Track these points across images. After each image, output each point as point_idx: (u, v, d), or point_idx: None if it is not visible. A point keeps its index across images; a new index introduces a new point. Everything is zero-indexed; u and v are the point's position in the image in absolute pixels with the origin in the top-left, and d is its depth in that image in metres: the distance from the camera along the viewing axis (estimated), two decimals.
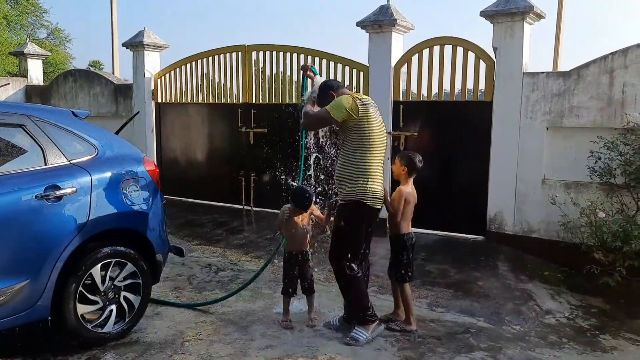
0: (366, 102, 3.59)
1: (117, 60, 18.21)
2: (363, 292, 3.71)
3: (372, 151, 3.57)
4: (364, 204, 3.56)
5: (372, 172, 3.57)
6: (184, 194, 8.33)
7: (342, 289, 3.73)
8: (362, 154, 3.55)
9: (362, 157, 3.55)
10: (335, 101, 3.56)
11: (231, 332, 3.79)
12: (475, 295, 4.62)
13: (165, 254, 4.02)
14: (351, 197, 3.57)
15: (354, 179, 3.55)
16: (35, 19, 19.00)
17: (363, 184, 3.54)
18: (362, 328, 3.66)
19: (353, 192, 3.56)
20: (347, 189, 3.59)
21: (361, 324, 3.68)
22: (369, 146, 3.55)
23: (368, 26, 6.42)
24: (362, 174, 3.54)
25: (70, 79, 9.67)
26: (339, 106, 3.51)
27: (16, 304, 3.08)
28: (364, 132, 3.53)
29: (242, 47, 7.64)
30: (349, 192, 3.58)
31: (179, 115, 8.51)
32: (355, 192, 3.55)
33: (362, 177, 3.54)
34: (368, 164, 3.56)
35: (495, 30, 5.69)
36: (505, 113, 5.69)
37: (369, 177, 3.55)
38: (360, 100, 3.55)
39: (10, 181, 3.12)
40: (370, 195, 3.56)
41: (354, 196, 3.56)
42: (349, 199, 3.59)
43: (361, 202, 3.55)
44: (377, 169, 3.60)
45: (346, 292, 3.73)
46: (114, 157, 3.67)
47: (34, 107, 3.58)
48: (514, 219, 5.71)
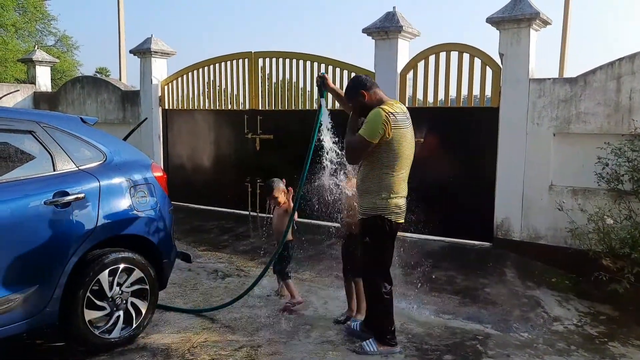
0: (399, 117, 3.36)
1: (124, 67, 18.33)
2: (387, 313, 3.60)
3: (399, 168, 3.42)
4: (386, 219, 3.44)
5: (396, 186, 3.43)
6: (190, 200, 8.36)
7: (370, 304, 3.68)
8: (388, 170, 3.40)
9: (387, 173, 3.40)
10: (368, 122, 3.34)
11: (238, 338, 3.79)
12: (482, 302, 4.60)
13: (173, 259, 4.03)
14: (372, 211, 3.46)
15: (376, 193, 3.42)
16: (44, 26, 19.18)
17: (386, 198, 3.40)
18: (375, 343, 3.60)
19: (374, 206, 3.44)
20: (368, 204, 3.46)
21: (377, 340, 3.62)
22: (395, 164, 3.39)
23: (374, 33, 6.45)
24: (386, 188, 3.40)
25: (78, 85, 9.74)
26: (374, 128, 3.29)
27: (25, 310, 3.09)
28: (393, 151, 3.36)
29: (248, 54, 7.68)
30: (371, 206, 3.46)
31: (185, 122, 8.54)
32: (377, 206, 3.43)
33: (385, 192, 3.40)
34: (393, 179, 3.41)
35: (502, 36, 5.69)
36: (512, 119, 5.68)
37: (392, 192, 3.41)
38: (393, 116, 3.32)
39: (19, 187, 3.14)
40: (393, 210, 3.44)
41: (375, 211, 3.44)
42: (370, 213, 3.47)
43: (383, 216, 3.43)
44: (401, 183, 3.47)
45: (373, 308, 3.66)
46: (122, 163, 3.69)
47: (43, 114, 3.60)
48: (521, 225, 5.69)
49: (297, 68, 7.23)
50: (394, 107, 3.42)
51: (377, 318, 3.64)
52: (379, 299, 3.58)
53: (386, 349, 3.58)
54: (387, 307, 3.59)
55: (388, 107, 3.38)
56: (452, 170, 6.14)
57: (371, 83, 3.55)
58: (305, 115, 7.26)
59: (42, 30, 19.40)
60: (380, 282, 3.55)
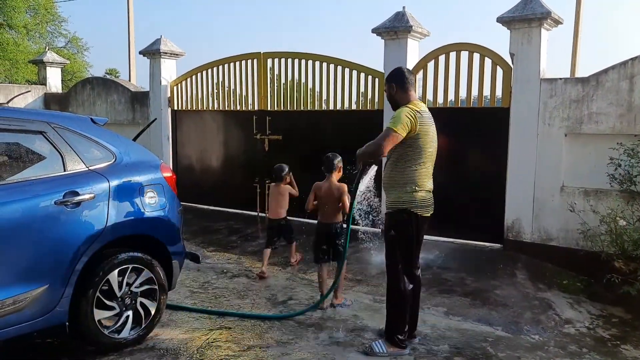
0: (424, 115, 3.44)
1: (134, 68, 18.43)
2: (403, 314, 3.58)
3: (424, 164, 3.47)
4: (412, 213, 3.47)
5: (421, 180, 3.47)
6: (199, 201, 8.37)
7: (388, 301, 3.65)
8: (413, 165, 3.44)
9: (412, 168, 3.44)
10: (394, 117, 3.38)
11: (246, 339, 3.78)
12: (492, 304, 4.56)
13: (182, 260, 4.03)
14: (398, 205, 3.49)
15: (401, 187, 3.46)
16: (54, 27, 19.31)
17: (411, 192, 3.45)
18: (385, 344, 3.58)
19: (400, 200, 3.48)
20: (394, 198, 3.51)
21: (387, 341, 3.60)
22: (420, 160, 3.45)
23: (383, 33, 6.42)
24: (410, 182, 3.44)
25: (88, 86, 9.80)
26: (399, 121, 3.33)
27: (35, 309, 3.10)
28: (418, 147, 3.42)
29: (257, 55, 7.68)
30: (396, 200, 3.50)
31: (194, 123, 8.57)
32: (403, 200, 3.47)
33: (410, 186, 3.44)
34: (417, 173, 3.45)
35: (512, 36, 5.65)
36: (523, 119, 5.64)
37: (417, 185, 3.45)
38: (419, 113, 3.39)
39: (30, 187, 3.15)
40: (418, 204, 3.47)
41: (401, 205, 3.48)
42: (395, 207, 3.51)
43: (409, 210, 3.46)
44: (426, 178, 3.51)
45: (390, 306, 3.63)
46: (131, 163, 3.69)
47: (54, 114, 3.62)
48: (532, 226, 5.64)
49: (306, 68, 7.23)
50: (418, 105, 3.49)
51: (392, 316, 3.62)
52: (396, 296, 3.57)
53: (395, 351, 3.56)
54: (403, 306, 3.58)
55: (412, 105, 3.46)
56: (462, 171, 6.10)
57: (409, 83, 3.58)
58: (314, 115, 7.26)
59: (53, 31, 19.55)
60: (401, 279, 3.53)
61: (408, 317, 3.63)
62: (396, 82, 3.58)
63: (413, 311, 3.73)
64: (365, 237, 6.04)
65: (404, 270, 3.55)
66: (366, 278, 5.18)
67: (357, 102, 7.04)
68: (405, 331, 3.61)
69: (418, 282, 3.75)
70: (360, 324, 4.08)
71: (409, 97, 3.54)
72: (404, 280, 3.54)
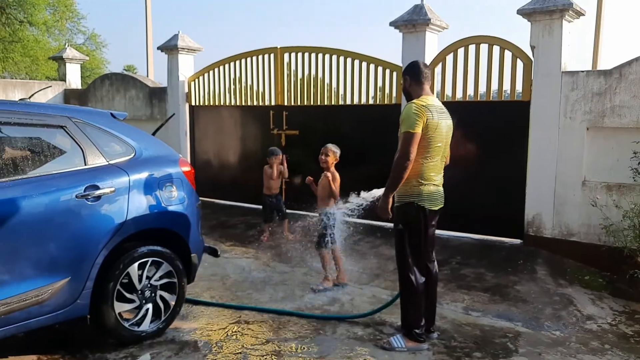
0: (432, 109, 3.41)
1: (152, 63, 18.58)
2: (418, 308, 3.57)
3: (432, 158, 3.45)
4: (420, 206, 3.46)
5: (428, 173, 3.45)
6: (216, 196, 8.41)
7: (401, 296, 3.64)
8: (420, 159, 3.41)
9: (419, 162, 3.41)
10: (402, 119, 3.39)
11: (264, 333, 3.79)
12: (512, 300, 4.51)
13: (200, 254, 4.05)
14: (405, 199, 3.49)
15: (409, 181, 3.43)
16: (73, 24, 19.52)
17: (418, 185, 3.44)
18: (403, 339, 3.56)
19: (407, 194, 3.46)
20: (402, 191, 3.49)
21: (405, 336, 3.58)
22: (428, 154, 3.42)
23: (401, 26, 6.37)
24: (417, 175, 3.43)
25: (107, 82, 9.90)
26: (409, 120, 3.33)
27: (57, 301, 3.15)
28: (426, 140, 3.38)
29: (274, 49, 7.68)
30: (404, 194, 3.48)
31: (212, 118, 8.60)
32: (410, 194, 3.46)
33: (417, 179, 3.43)
34: (425, 167, 3.43)
35: (533, 28, 5.55)
36: (544, 113, 5.55)
37: (424, 179, 3.44)
38: (425, 108, 3.37)
39: (51, 181, 3.19)
40: (426, 197, 3.46)
41: (408, 198, 3.47)
42: (403, 201, 3.50)
43: (416, 204, 3.45)
44: (434, 172, 3.48)
45: (404, 301, 3.62)
46: (150, 158, 3.72)
47: (75, 109, 3.65)
48: (553, 222, 5.55)
49: (323, 63, 7.20)
50: (426, 100, 3.46)
51: (407, 312, 3.60)
52: (409, 291, 3.54)
53: (414, 345, 3.54)
54: (417, 301, 3.55)
55: (419, 101, 3.43)
56: (481, 166, 6.03)
57: (424, 77, 3.55)
58: (331, 110, 7.24)
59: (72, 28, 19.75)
60: (412, 274, 3.51)
61: (424, 311, 3.61)
62: (411, 76, 3.58)
63: (430, 305, 3.71)
64: (383, 232, 6.02)
65: (415, 264, 3.53)
66: (384, 273, 5.16)
67: (374, 97, 7.00)
68: (422, 325, 3.59)
69: (434, 276, 3.73)
70: (379, 319, 4.06)
71: (422, 91, 3.53)
72: (415, 274, 3.52)
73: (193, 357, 3.40)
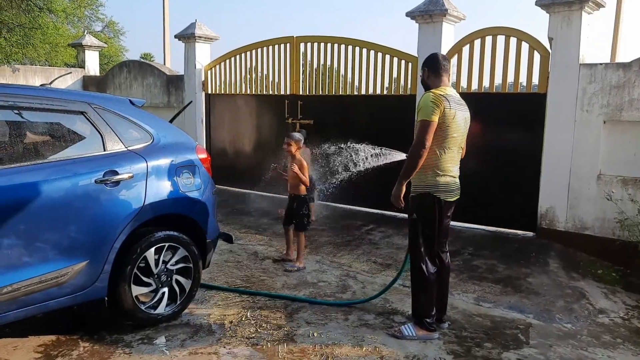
0: (450, 99, 3.41)
1: (168, 51, 18.68)
2: (429, 297, 3.60)
3: (449, 149, 3.46)
4: (435, 197, 3.48)
5: (445, 164, 3.47)
6: (231, 183, 8.50)
7: (412, 285, 3.68)
8: (437, 150, 3.43)
9: (435, 152, 3.43)
10: (420, 107, 3.40)
11: (278, 318, 3.85)
12: (524, 292, 4.52)
13: (215, 239, 4.11)
14: (421, 189, 3.51)
15: (425, 172, 3.46)
16: (92, 12, 19.65)
17: (434, 176, 3.46)
18: (414, 327, 3.61)
19: (423, 184, 3.49)
20: (417, 182, 3.52)
21: (416, 324, 3.63)
22: (445, 144, 3.43)
23: (418, 16, 6.34)
24: (434, 166, 3.45)
25: (125, 69, 9.99)
26: (426, 108, 3.34)
27: (76, 283, 3.23)
28: (442, 131, 3.38)
29: (290, 39, 7.69)
30: (419, 184, 3.51)
31: (227, 106, 8.66)
32: (426, 184, 3.48)
33: (434, 170, 3.45)
34: (442, 159, 3.45)
35: (551, 20, 5.50)
36: (560, 106, 5.51)
37: (441, 170, 3.46)
38: (443, 97, 3.38)
39: (71, 166, 3.25)
40: (442, 188, 3.48)
41: (424, 189, 3.49)
42: (419, 191, 3.53)
43: (431, 194, 3.48)
44: (451, 163, 3.50)
45: (415, 290, 3.66)
46: (168, 144, 3.77)
47: (95, 95, 3.71)
48: (567, 215, 5.54)
49: (339, 52, 7.21)
50: (445, 90, 3.47)
51: (418, 301, 3.64)
52: (421, 280, 3.58)
53: (425, 334, 3.58)
54: (429, 290, 3.59)
55: (438, 90, 3.45)
56: (495, 157, 6.02)
57: (442, 70, 3.56)
58: (346, 100, 7.25)
59: (91, 16, 19.89)
60: (425, 263, 3.55)
61: (435, 301, 3.64)
62: (429, 67, 3.59)
63: (442, 295, 3.74)
64: (395, 222, 6.05)
65: (427, 254, 3.57)
66: (395, 263, 5.19)
67: (388, 87, 6.99)
68: (433, 314, 3.62)
69: (446, 266, 3.76)
70: (390, 308, 4.10)
71: (440, 83, 3.54)
72: (426, 263, 3.56)
73: (207, 341, 3.47)
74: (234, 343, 3.45)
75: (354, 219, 6.83)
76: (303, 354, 3.33)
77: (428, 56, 3.68)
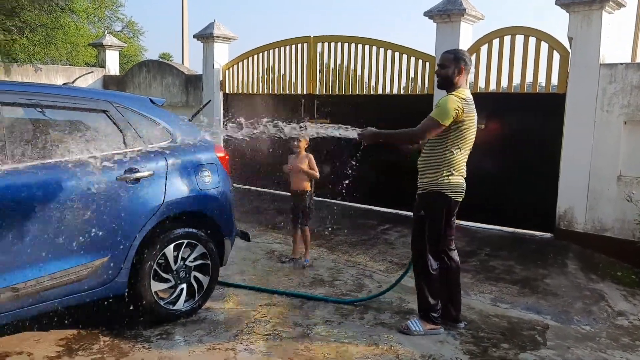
0: (469, 102, 3.44)
1: (187, 51, 18.85)
2: (434, 292, 3.64)
3: (463, 149, 3.49)
4: (446, 196, 3.50)
5: (458, 165, 3.49)
6: (248, 182, 8.56)
7: (416, 280, 3.71)
8: (453, 149, 3.45)
9: (452, 152, 3.46)
10: (440, 106, 3.39)
11: (294, 316, 3.88)
12: (542, 293, 4.49)
13: (233, 237, 4.16)
14: (432, 187, 3.52)
15: (437, 170, 3.48)
16: (112, 12, 19.92)
17: (446, 175, 3.47)
18: (420, 322, 3.64)
19: (435, 183, 3.50)
20: (429, 180, 3.53)
21: (422, 319, 3.66)
22: (461, 145, 3.46)
23: (436, 16, 6.33)
24: (449, 166, 3.46)
25: (145, 69, 10.12)
26: (446, 111, 3.35)
27: (96, 279, 3.29)
28: (461, 132, 3.42)
29: (307, 39, 7.72)
30: (430, 182, 3.53)
31: (245, 106, 8.71)
32: (437, 183, 3.49)
33: (447, 169, 3.47)
34: (456, 158, 3.47)
35: (571, 19, 5.46)
36: (580, 106, 5.46)
37: (453, 169, 3.47)
38: (465, 101, 3.40)
39: (93, 163, 3.30)
40: (453, 188, 3.49)
41: (435, 187, 3.51)
42: (430, 189, 3.54)
43: (442, 193, 3.49)
44: (462, 163, 3.53)
45: (419, 285, 3.68)
46: (187, 143, 3.82)
47: (116, 94, 3.78)
48: (586, 216, 5.48)
49: (356, 52, 7.22)
50: (465, 93, 3.48)
51: (423, 296, 3.67)
52: (426, 276, 3.62)
53: (431, 328, 3.62)
54: (434, 285, 3.63)
55: (459, 94, 3.44)
56: (513, 158, 5.98)
57: (469, 68, 3.56)
58: (363, 99, 7.26)
59: (111, 16, 20.16)
60: (428, 259, 3.59)
61: (441, 296, 3.68)
62: (464, 64, 3.52)
63: (455, 294, 3.76)
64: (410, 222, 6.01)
65: (431, 250, 3.59)
66: None
67: (405, 87, 6.98)
68: (438, 309, 3.65)
69: (456, 264, 3.77)
70: (406, 307, 4.11)
71: (463, 82, 3.55)
72: (430, 259, 3.59)
73: (225, 337, 3.51)
74: (251, 339, 3.48)
75: (370, 219, 6.84)
76: (319, 351, 3.35)
77: (461, 52, 3.59)
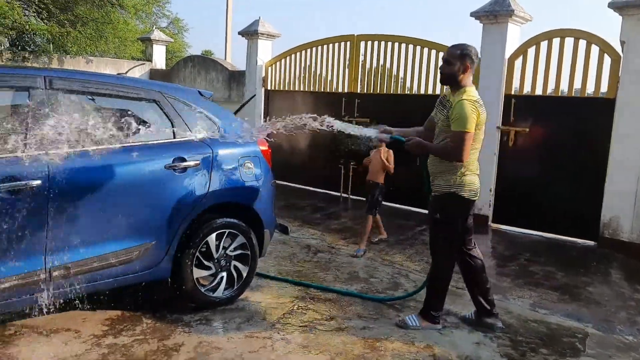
0: (480, 102, 3.41)
1: (230, 48, 19.15)
2: (442, 292, 3.66)
3: (476, 148, 3.47)
4: (460, 197, 3.47)
5: (473, 165, 3.48)
6: (285, 179, 8.63)
7: (429, 279, 3.71)
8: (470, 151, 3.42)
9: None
10: (461, 117, 3.29)
11: (329, 310, 3.92)
12: (583, 301, 4.39)
13: (272, 230, 4.22)
14: (447, 189, 3.49)
15: (450, 172, 3.45)
16: (159, 8, 20.40)
17: (460, 176, 3.44)
18: (418, 318, 3.67)
19: (450, 183, 3.48)
20: (444, 181, 3.50)
21: (421, 314, 3.68)
22: (475, 145, 3.44)
23: (483, 17, 6.26)
24: (461, 166, 3.43)
25: (190, 64, 10.35)
26: (469, 120, 3.28)
27: (143, 263, 3.41)
28: (476, 133, 3.40)
29: (351, 37, 7.75)
30: (445, 184, 3.50)
31: (285, 102, 8.81)
32: (452, 184, 3.47)
33: (459, 169, 3.44)
34: (471, 158, 3.44)
35: (624, 22, 5.31)
36: (631, 111, 5.31)
37: (467, 169, 3.45)
38: (478, 103, 3.37)
39: (143, 151, 3.43)
40: (467, 187, 3.46)
41: (450, 188, 3.48)
42: (444, 190, 3.51)
43: (456, 194, 3.47)
44: (475, 162, 3.50)
45: (430, 284, 3.69)
46: (232, 135, 3.90)
47: (167, 85, 3.89)
48: (632, 225, 5.33)
49: (399, 51, 7.20)
50: (474, 93, 3.42)
51: (430, 294, 3.69)
52: (438, 276, 3.63)
53: (428, 325, 3.63)
54: (443, 287, 3.64)
55: (471, 96, 3.37)
56: (558, 163, 5.85)
57: (474, 66, 3.49)
58: (403, 99, 7.24)
59: (157, 12, 20.65)
60: (443, 261, 3.59)
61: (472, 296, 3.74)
62: (471, 62, 3.42)
63: (483, 291, 3.74)
64: None
65: (447, 254, 3.59)
66: None
67: None
68: (441, 308, 3.69)
69: (479, 261, 3.72)
70: (444, 309, 4.07)
71: (468, 80, 3.46)
72: (446, 263, 3.59)
73: (262, 326, 3.58)
74: (288, 330, 3.54)
75: (408, 219, 6.81)
76: (355, 346, 3.37)
77: (469, 48, 3.44)
